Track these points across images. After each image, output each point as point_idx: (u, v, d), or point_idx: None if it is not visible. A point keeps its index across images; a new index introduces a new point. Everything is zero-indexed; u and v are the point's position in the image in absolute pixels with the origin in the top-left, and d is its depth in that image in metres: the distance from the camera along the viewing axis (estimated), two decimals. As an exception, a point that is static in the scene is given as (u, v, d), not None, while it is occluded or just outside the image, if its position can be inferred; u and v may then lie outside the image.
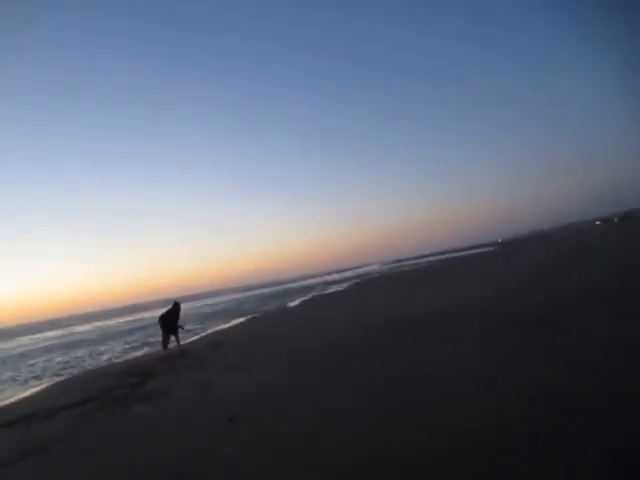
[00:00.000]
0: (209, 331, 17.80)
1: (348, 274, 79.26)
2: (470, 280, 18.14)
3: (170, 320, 13.85)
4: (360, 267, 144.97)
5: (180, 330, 14.13)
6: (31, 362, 17.72)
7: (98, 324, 47.80)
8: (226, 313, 28.57)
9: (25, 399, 9.49)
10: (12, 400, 9.70)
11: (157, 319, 14.12)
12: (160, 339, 14.14)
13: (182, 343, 14.07)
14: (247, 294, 65.28)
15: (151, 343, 16.68)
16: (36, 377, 12.89)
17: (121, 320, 47.39)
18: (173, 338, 13.83)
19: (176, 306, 14.13)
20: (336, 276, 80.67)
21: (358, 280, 42.86)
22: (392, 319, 10.67)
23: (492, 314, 8.78)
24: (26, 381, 12.34)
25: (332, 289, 35.70)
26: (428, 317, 9.91)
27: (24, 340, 40.63)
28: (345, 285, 37.56)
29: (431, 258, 79.78)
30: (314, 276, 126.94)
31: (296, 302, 27.73)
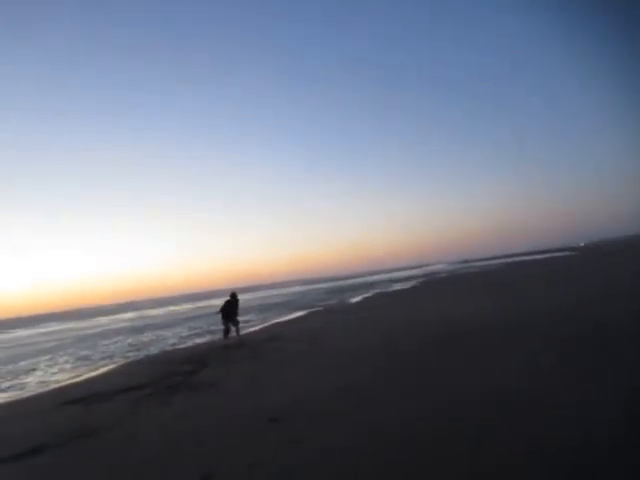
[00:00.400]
0: (268, 323, 17.89)
1: (415, 272, 77.26)
2: (541, 288, 16.70)
3: (230, 310, 14.03)
4: (427, 265, 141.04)
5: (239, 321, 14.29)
6: (105, 342, 18.87)
7: (171, 309, 50.42)
8: (287, 305, 28.76)
9: (91, 379, 9.96)
10: (80, 379, 10.23)
11: (218, 309, 14.32)
12: (221, 328, 14.38)
13: (241, 333, 14.21)
14: (311, 287, 65.81)
15: (213, 331, 17.05)
16: (106, 357, 13.60)
17: (191, 306, 49.66)
18: (233, 328, 14.00)
19: (234, 296, 14.27)
20: (402, 273, 79.03)
21: (423, 279, 41.49)
22: (445, 329, 10.00)
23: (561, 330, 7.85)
24: (96, 361, 13.01)
25: (396, 287, 34.81)
26: (485, 328, 9.12)
27: (103, 320, 43.85)
28: (409, 284, 36.47)
29: (502, 260, 75.56)
30: (380, 272, 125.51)
31: (358, 298, 27.30)
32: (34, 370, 13.00)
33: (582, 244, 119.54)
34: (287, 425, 4.69)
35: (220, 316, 14.17)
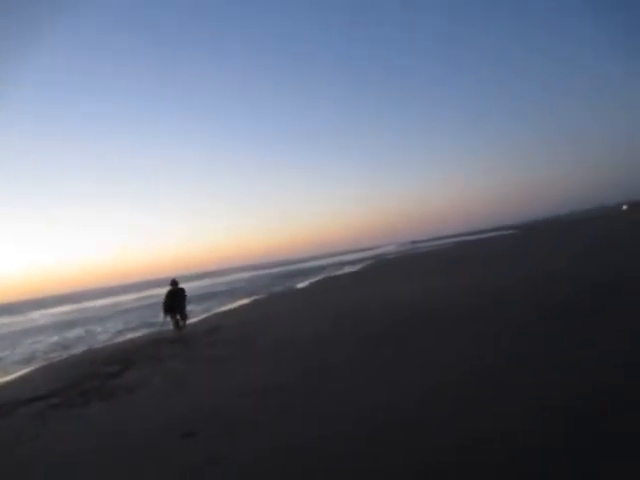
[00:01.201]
0: (209, 313, 17.04)
1: (364, 254, 77.96)
2: (485, 266, 16.93)
3: (176, 302, 12.91)
4: (376, 248, 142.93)
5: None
6: (28, 341, 17.27)
7: (111, 300, 47.89)
8: (231, 294, 27.86)
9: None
10: None
11: (163, 301, 13.06)
12: (160, 320, 13.45)
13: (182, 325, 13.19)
14: (257, 273, 64.92)
15: (151, 324, 15.97)
16: (22, 360, 12.27)
17: (133, 296, 47.31)
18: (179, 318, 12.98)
19: (175, 284, 13.20)
20: (351, 256, 79.47)
21: (372, 261, 41.73)
22: (393, 312, 9.67)
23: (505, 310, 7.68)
24: (11, 364, 11.68)
25: (345, 270, 34.72)
26: (436, 311, 8.85)
27: (34, 315, 40.88)
28: (358, 267, 36.52)
29: (448, 240, 77.97)
30: (329, 256, 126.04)
31: (305, 283, 26.89)
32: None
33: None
34: (204, 440, 4.02)
35: (163, 309, 12.98)
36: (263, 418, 4.33)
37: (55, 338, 16.58)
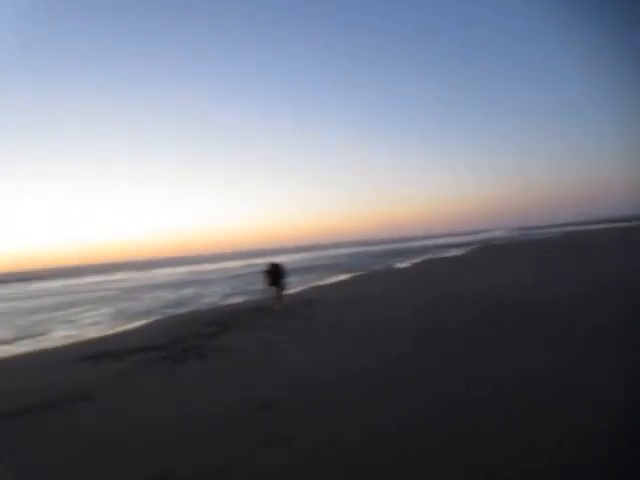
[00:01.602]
0: (308, 286, 17.33)
1: (471, 238, 73.78)
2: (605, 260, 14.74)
3: (277, 274, 13.26)
4: (484, 232, 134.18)
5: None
6: (150, 296, 19.20)
7: (222, 265, 51.52)
8: (332, 269, 28.16)
9: (116, 335, 9.85)
10: (108, 333, 10.16)
11: (262, 270, 13.52)
12: (262, 288, 13.89)
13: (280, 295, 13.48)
14: (359, 250, 65.03)
15: (253, 291, 16.68)
16: (142, 312, 13.60)
17: (241, 263, 50.36)
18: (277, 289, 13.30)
19: (274, 266, 13.46)
20: (458, 239, 75.66)
21: (479, 246, 39.18)
22: (498, 299, 8.80)
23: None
24: (131, 316, 12.97)
25: (450, 253, 33.10)
26: (545, 304, 7.84)
27: (161, 272, 45.54)
28: (464, 250, 34.56)
29: (557, 229, 70.18)
30: (435, 237, 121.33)
31: (406, 264, 26.14)
32: (70, 322, 13.21)
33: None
34: (281, 415, 3.93)
35: (264, 278, 13.44)
36: (343, 400, 4.14)
37: (171, 296, 18.19)
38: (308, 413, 3.91)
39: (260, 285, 14.02)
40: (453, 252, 34.04)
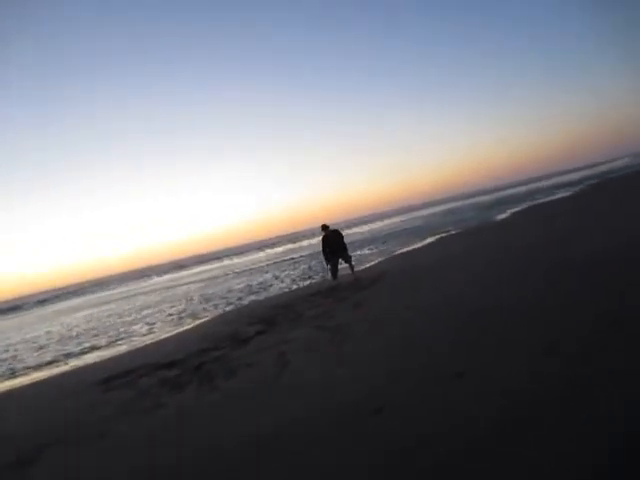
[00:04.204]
0: (384, 256, 15.55)
1: (585, 173, 64.06)
2: None
3: (336, 244, 11.66)
4: (605, 163, 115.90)
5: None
6: (236, 281, 18.74)
7: (302, 244, 50.37)
8: (418, 231, 25.65)
9: (158, 343, 9.11)
10: (151, 341, 9.50)
11: (322, 247, 12.03)
12: (324, 267, 12.58)
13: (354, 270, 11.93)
14: (461, 203, 60.13)
15: (320, 271, 15.24)
16: (209, 307, 12.86)
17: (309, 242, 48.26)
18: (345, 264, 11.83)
19: (326, 228, 11.83)
20: (569, 177, 66.30)
21: (592, 182, 32.90)
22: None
23: None
24: (197, 313, 12.29)
25: (555, 196, 28.41)
26: None
27: (257, 255, 45.97)
28: (572, 190, 29.34)
29: None
30: (548, 176, 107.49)
31: (505, 214, 22.81)
32: (133, 324, 12.94)
33: None
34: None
35: (324, 257, 11.95)
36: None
37: (253, 282, 17.30)
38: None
39: (324, 264, 12.63)
40: (560, 194, 29.11)
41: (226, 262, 48.21)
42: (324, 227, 11.85)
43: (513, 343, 3.99)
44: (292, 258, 26.58)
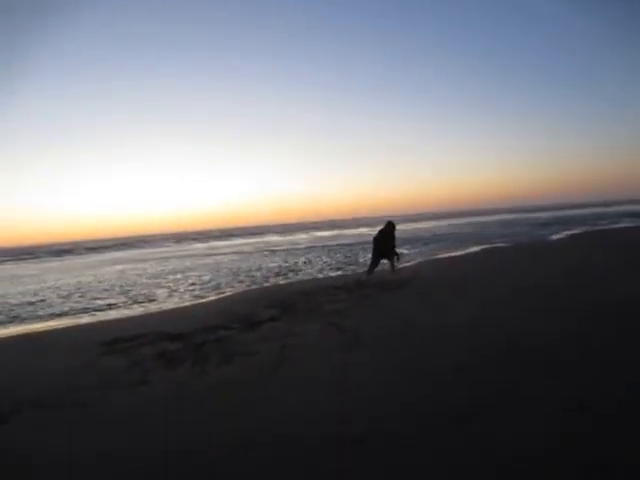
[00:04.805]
0: (423, 258, 14.88)
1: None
2: None
3: (385, 241, 11.45)
4: None
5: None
6: (267, 260, 18.63)
7: (344, 232, 49.72)
8: (466, 237, 24.56)
9: (159, 313, 9.07)
10: (154, 310, 9.47)
11: (372, 238, 11.88)
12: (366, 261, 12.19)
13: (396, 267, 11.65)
14: (521, 216, 57.25)
15: (360, 264, 14.81)
16: (229, 283, 12.73)
17: (366, 230, 47.49)
18: (387, 262, 11.57)
19: (389, 225, 11.63)
20: (641, 206, 61.36)
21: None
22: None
23: None
24: (217, 287, 12.18)
25: (619, 224, 26.30)
26: None
27: (302, 236, 46.02)
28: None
29: None
30: (615, 204, 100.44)
31: (561, 235, 21.35)
32: (158, 287, 12.99)
33: None
34: None
35: (372, 247, 11.77)
36: None
37: (275, 264, 17.24)
38: None
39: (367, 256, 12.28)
40: (626, 222, 26.91)
41: (269, 238, 48.60)
42: (387, 223, 11.69)
43: (529, 400, 3.35)
44: (333, 245, 26.26)
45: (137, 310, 9.54)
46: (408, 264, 13.69)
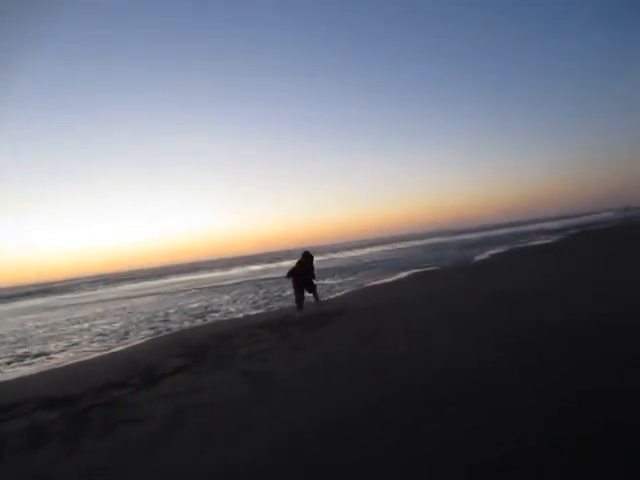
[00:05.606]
0: (352, 288, 14.66)
1: (570, 222, 64.62)
2: None
3: (304, 273, 11.13)
4: (590, 214, 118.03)
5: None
6: (186, 302, 17.51)
7: (250, 269, 49.07)
8: (395, 263, 24.88)
9: (67, 368, 7.95)
10: (61, 365, 8.31)
11: (287, 272, 11.50)
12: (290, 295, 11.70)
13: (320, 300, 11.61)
14: (445, 240, 59.56)
15: (283, 298, 14.25)
16: (137, 330, 11.64)
17: (273, 265, 46.82)
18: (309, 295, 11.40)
19: (306, 256, 11.36)
20: (553, 224, 66.76)
21: (575, 232, 33.15)
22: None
23: None
24: (136, 331, 11.08)
25: (537, 242, 28.09)
26: None
27: (234, 272, 44.43)
28: (554, 238, 29.17)
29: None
30: (530, 222, 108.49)
31: (484, 255, 22.18)
32: (59, 340, 11.61)
33: None
34: None
35: (291, 281, 11.31)
36: None
37: (196, 305, 16.13)
38: None
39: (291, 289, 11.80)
40: (542, 240, 28.84)
41: (201, 275, 46.63)
42: (304, 254, 11.45)
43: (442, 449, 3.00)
44: (263, 279, 25.49)
45: (28, 369, 8.28)
46: (338, 294, 13.40)
